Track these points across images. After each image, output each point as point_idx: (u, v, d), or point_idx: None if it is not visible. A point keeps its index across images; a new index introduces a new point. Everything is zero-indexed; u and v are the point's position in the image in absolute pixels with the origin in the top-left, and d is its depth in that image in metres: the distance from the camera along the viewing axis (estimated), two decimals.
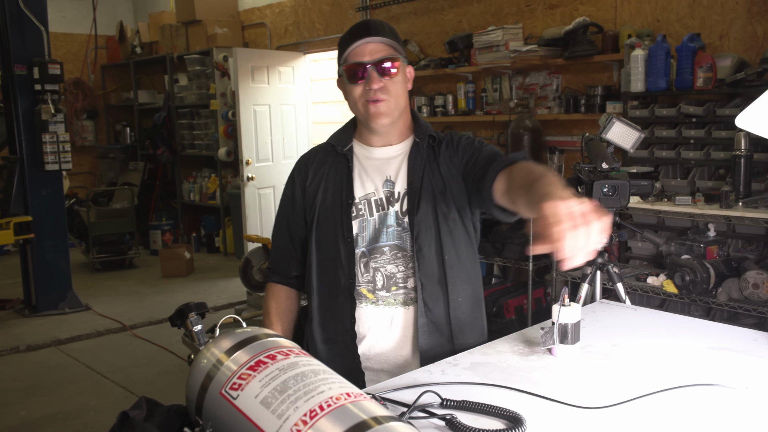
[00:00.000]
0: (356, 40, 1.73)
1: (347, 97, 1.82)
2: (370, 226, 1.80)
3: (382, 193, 1.81)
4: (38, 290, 5.58)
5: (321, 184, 1.85)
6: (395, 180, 1.82)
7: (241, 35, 7.70)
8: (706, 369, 1.49)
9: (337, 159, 1.87)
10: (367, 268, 1.79)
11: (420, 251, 1.76)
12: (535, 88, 5.02)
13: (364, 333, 1.79)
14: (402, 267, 1.78)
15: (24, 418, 3.73)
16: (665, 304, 3.67)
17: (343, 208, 1.80)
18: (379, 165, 1.84)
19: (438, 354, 1.72)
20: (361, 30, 1.75)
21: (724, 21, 3.97)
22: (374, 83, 1.73)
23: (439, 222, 1.77)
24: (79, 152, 8.88)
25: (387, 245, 1.78)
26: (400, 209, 1.79)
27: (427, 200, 1.78)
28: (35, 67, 5.32)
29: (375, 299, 1.79)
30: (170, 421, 1.09)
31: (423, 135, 1.84)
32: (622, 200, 2.65)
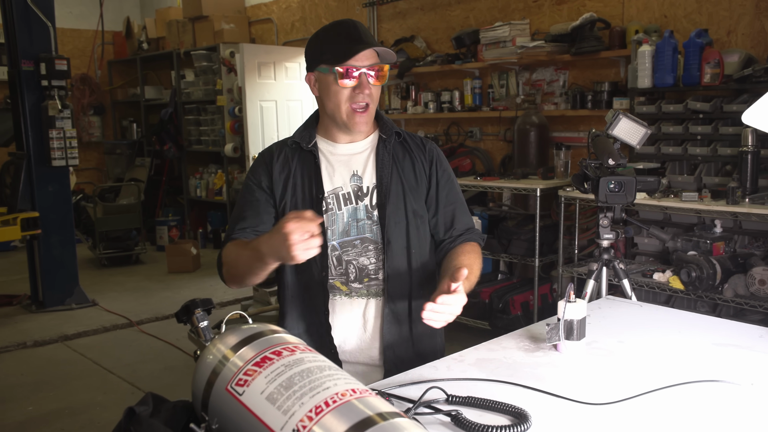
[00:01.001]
0: (356, 45, 1.74)
1: (329, 96, 1.81)
2: (339, 219, 1.83)
3: (349, 188, 1.85)
4: (45, 286, 5.60)
5: (289, 180, 1.86)
6: (362, 174, 1.86)
7: (248, 31, 7.70)
8: (712, 365, 1.49)
9: (303, 155, 1.88)
10: (339, 261, 1.83)
11: (389, 244, 1.81)
12: (541, 84, 5.00)
13: (339, 324, 1.84)
14: (373, 259, 1.83)
15: (31, 413, 3.75)
16: (671, 301, 3.67)
17: (314, 203, 1.82)
18: (345, 160, 1.87)
19: (397, 342, 1.82)
20: (356, 36, 1.76)
21: (731, 17, 3.95)
22: (366, 88, 1.77)
23: (408, 216, 1.84)
24: (85, 148, 8.90)
25: (358, 238, 1.83)
26: (369, 203, 1.84)
27: (396, 194, 1.84)
28: (42, 62, 5.33)
29: (348, 291, 1.83)
30: (176, 417, 1.10)
31: (389, 132, 1.89)
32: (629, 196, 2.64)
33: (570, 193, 3.94)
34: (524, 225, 4.52)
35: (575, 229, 4.16)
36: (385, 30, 6.15)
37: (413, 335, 1.84)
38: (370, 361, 1.85)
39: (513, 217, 4.77)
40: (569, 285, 1.57)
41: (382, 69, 1.79)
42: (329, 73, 1.78)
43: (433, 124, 5.68)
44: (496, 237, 4.51)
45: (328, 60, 1.77)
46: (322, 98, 1.85)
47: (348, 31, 1.77)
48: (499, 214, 4.85)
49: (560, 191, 4.02)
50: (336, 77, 1.76)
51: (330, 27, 1.82)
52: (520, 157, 4.74)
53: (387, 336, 1.81)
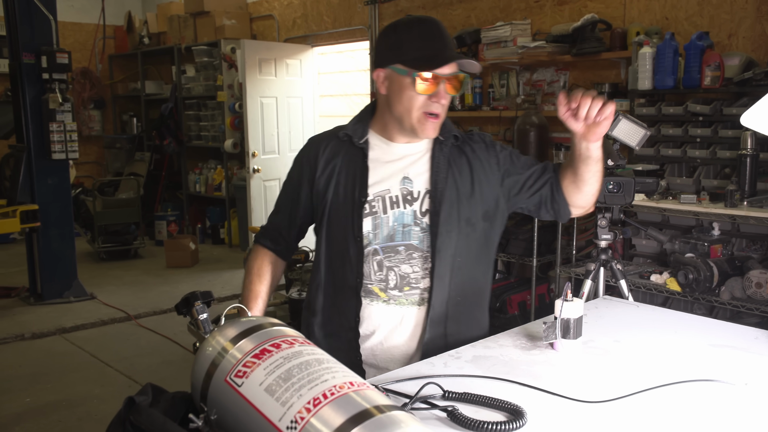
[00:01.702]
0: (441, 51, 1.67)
1: (400, 99, 1.71)
2: (383, 224, 1.75)
3: (398, 191, 1.76)
4: (44, 278, 5.60)
5: (333, 177, 1.79)
6: (414, 178, 1.77)
7: (249, 27, 7.70)
8: (707, 365, 1.50)
9: (352, 151, 1.80)
10: (380, 266, 1.75)
11: (438, 252, 1.73)
12: (542, 85, 5.01)
13: (373, 330, 1.76)
14: (417, 268, 1.74)
15: (29, 405, 3.76)
16: (668, 302, 3.68)
17: (354, 206, 1.75)
18: (396, 161, 1.79)
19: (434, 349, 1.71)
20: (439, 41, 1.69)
21: (733, 20, 3.96)
22: (442, 98, 1.69)
23: (460, 225, 1.75)
24: (85, 142, 8.90)
25: (402, 245, 1.74)
26: (419, 209, 1.75)
27: (450, 202, 1.75)
28: (43, 56, 5.33)
29: (387, 298, 1.75)
30: (175, 408, 1.11)
31: (447, 134, 1.79)
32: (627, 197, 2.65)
33: None
34: (522, 225, 4.53)
35: (573, 230, 4.17)
36: None
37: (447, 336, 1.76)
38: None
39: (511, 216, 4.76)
40: (566, 284, 1.58)
41: (461, 79, 1.71)
42: (406, 76, 1.68)
43: None
44: None
45: (408, 62, 1.67)
46: (390, 99, 1.74)
47: (432, 34, 1.69)
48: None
49: None
50: (414, 82, 1.67)
51: (412, 24, 1.72)
52: None
53: (427, 343, 1.74)
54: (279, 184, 7.05)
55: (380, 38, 1.77)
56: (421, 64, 1.66)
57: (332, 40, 6.94)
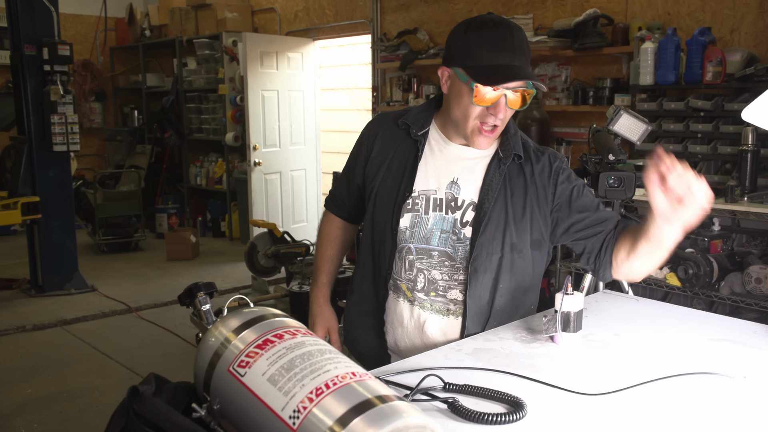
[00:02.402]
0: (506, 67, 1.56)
1: (458, 104, 1.64)
2: (422, 224, 1.70)
3: (443, 194, 1.70)
4: (45, 270, 5.61)
5: (384, 163, 1.76)
6: (462, 185, 1.70)
7: (251, 20, 7.69)
8: (706, 359, 1.51)
9: (408, 141, 1.75)
10: (411, 266, 1.72)
11: (475, 273, 1.67)
12: (543, 79, 5.01)
13: (398, 327, 1.77)
14: (446, 276, 1.70)
15: (30, 396, 3.77)
16: (668, 297, 3.68)
17: (398, 199, 1.72)
18: (450, 161, 1.72)
19: None
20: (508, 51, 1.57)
21: (735, 15, 3.96)
22: (501, 112, 1.60)
23: (504, 250, 1.68)
24: (86, 134, 8.90)
25: (437, 250, 1.70)
26: (460, 219, 1.69)
27: (497, 223, 1.67)
28: (45, 47, 5.33)
29: (412, 298, 1.73)
30: (178, 398, 1.12)
31: (509, 152, 1.69)
32: (628, 192, 2.66)
33: None
34: None
35: None
36: (389, 22, 6.15)
37: None
38: None
39: None
40: (567, 277, 1.58)
41: (527, 93, 1.60)
42: (466, 84, 1.59)
43: None
44: None
45: (470, 70, 1.58)
46: (450, 100, 1.67)
47: (503, 43, 1.56)
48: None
49: None
50: (472, 93, 1.58)
51: (485, 27, 1.59)
52: None
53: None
54: (280, 177, 7.06)
55: (452, 34, 1.67)
56: (482, 77, 1.56)
57: (334, 34, 6.93)
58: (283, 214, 7.08)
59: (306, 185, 7.31)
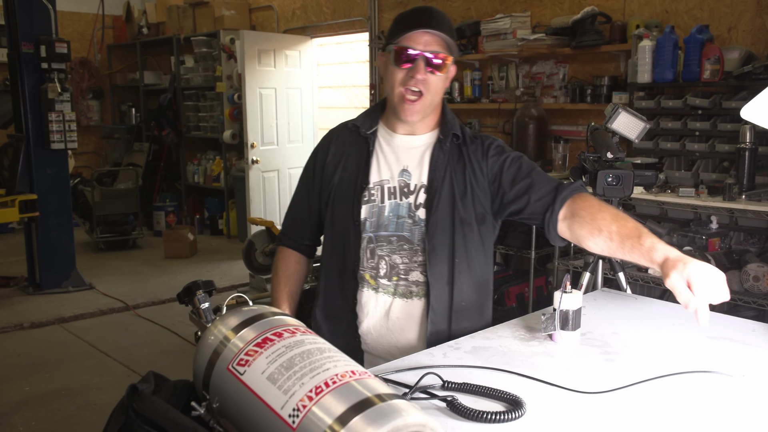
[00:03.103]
0: (416, 26, 1.70)
1: (387, 77, 1.78)
2: (379, 212, 1.80)
3: (396, 182, 1.81)
4: (42, 268, 5.61)
5: (340, 163, 1.86)
6: (412, 171, 1.81)
7: (249, 18, 7.68)
8: (705, 357, 1.51)
9: (359, 141, 1.86)
10: (372, 254, 1.80)
11: (433, 251, 1.76)
12: (541, 77, 5.01)
13: (363, 317, 1.82)
14: (406, 259, 1.78)
15: (27, 394, 3.77)
16: (666, 295, 3.69)
17: (356, 191, 1.81)
18: (398, 153, 1.83)
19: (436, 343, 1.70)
20: (424, 17, 1.72)
21: (733, 13, 3.96)
22: (419, 73, 1.70)
23: (455, 225, 1.77)
24: (84, 132, 8.89)
25: (395, 235, 1.79)
26: (414, 202, 1.79)
27: (446, 200, 1.77)
28: (42, 45, 5.31)
29: (376, 285, 1.80)
30: (177, 396, 1.12)
31: (447, 132, 1.81)
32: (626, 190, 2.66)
33: None
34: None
35: None
36: (386, 19, 6.15)
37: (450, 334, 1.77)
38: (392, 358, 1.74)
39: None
40: (565, 276, 1.58)
41: (442, 58, 1.71)
42: (390, 52, 1.75)
43: None
44: None
45: (391, 38, 1.75)
46: (384, 80, 1.81)
47: (420, 14, 1.74)
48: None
49: None
50: (393, 56, 1.73)
51: (406, 11, 1.79)
52: (518, 149, 4.71)
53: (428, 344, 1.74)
54: (277, 175, 7.05)
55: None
56: (398, 36, 1.72)
57: (331, 32, 6.93)
58: (281, 212, 7.07)
59: None
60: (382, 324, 1.81)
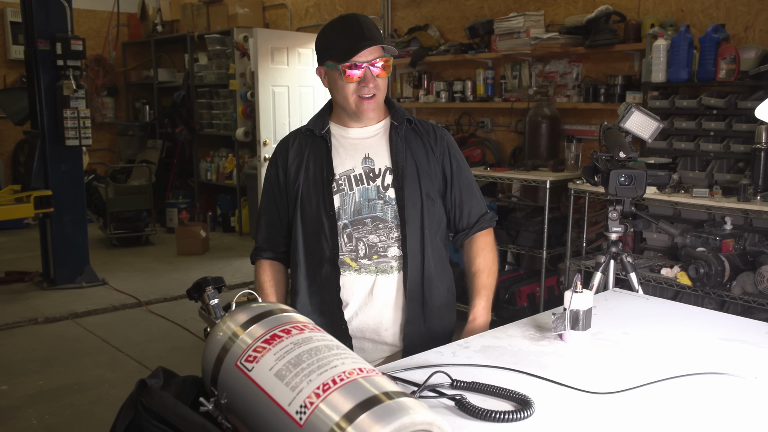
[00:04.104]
0: (355, 42, 1.81)
1: (337, 89, 1.89)
2: (350, 199, 1.91)
3: (361, 170, 1.93)
4: (56, 264, 5.65)
5: (302, 164, 1.96)
6: (374, 157, 1.94)
7: (262, 16, 7.69)
8: (716, 359, 1.50)
9: (316, 141, 1.97)
10: (350, 238, 1.91)
11: (407, 225, 1.89)
12: (554, 76, 4.99)
13: (348, 300, 1.91)
14: (383, 237, 1.91)
15: (41, 388, 3.80)
16: (679, 296, 3.67)
17: (324, 185, 1.91)
18: (356, 144, 1.96)
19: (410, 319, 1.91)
20: (358, 32, 1.83)
21: (750, 12, 3.92)
22: (370, 82, 1.85)
23: (422, 198, 1.92)
24: (98, 129, 8.94)
25: (369, 217, 1.91)
26: (381, 184, 1.92)
27: (412, 177, 1.92)
28: (58, 42, 5.35)
29: (357, 267, 1.91)
30: (186, 391, 1.12)
31: (401, 118, 1.97)
32: (639, 190, 2.64)
33: (580, 186, 3.94)
34: (533, 216, 4.52)
35: (584, 222, 4.16)
36: (399, 18, 6.14)
37: (425, 313, 1.93)
38: (377, 337, 1.93)
39: (522, 208, 4.77)
40: (576, 275, 1.58)
41: (386, 62, 1.86)
42: (335, 69, 1.85)
43: (445, 114, 5.68)
44: (504, 228, 4.52)
45: (333, 57, 1.85)
46: (331, 91, 1.94)
47: (351, 28, 1.84)
48: (508, 205, 4.85)
49: (570, 184, 4.01)
50: (341, 74, 1.84)
51: (335, 23, 1.89)
52: (530, 148, 4.74)
53: (407, 313, 1.91)
54: None
55: (316, 40, 1.95)
56: (342, 56, 1.83)
57: None
58: None
59: None
60: (367, 302, 1.91)
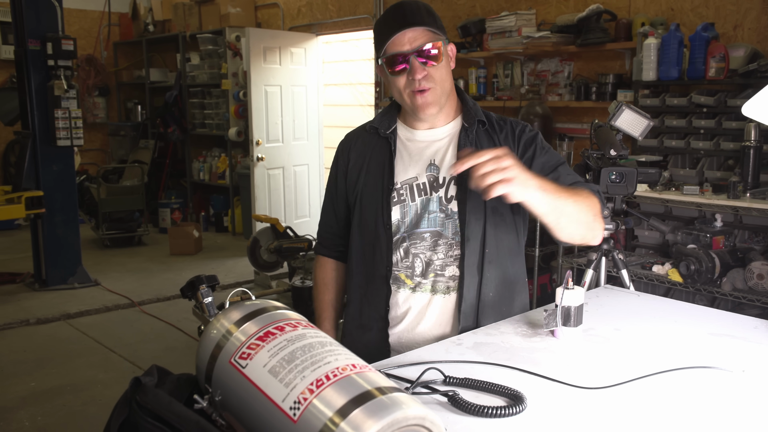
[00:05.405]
0: (393, 31, 1.65)
1: (391, 87, 1.75)
2: (411, 211, 1.76)
3: (425, 178, 1.76)
4: (48, 265, 5.63)
5: (363, 168, 1.82)
6: (440, 164, 1.76)
7: (254, 15, 7.69)
8: (706, 353, 1.52)
9: (380, 142, 1.82)
10: (406, 253, 1.76)
11: (468, 241, 1.72)
12: (546, 75, 5.01)
13: (400, 318, 1.78)
14: (441, 255, 1.75)
15: (33, 389, 3.79)
16: (670, 293, 3.69)
17: (383, 194, 1.77)
18: (423, 148, 1.79)
19: None
20: (398, 18, 1.66)
21: (738, 11, 3.95)
22: (417, 73, 1.66)
23: (487, 213, 1.73)
24: (90, 129, 8.91)
25: (428, 231, 1.75)
26: (444, 195, 1.75)
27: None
28: (49, 42, 5.33)
29: (413, 284, 1.76)
30: (180, 389, 1.13)
31: (472, 119, 1.78)
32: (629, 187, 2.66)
33: None
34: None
35: None
36: None
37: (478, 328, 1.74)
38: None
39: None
40: (567, 272, 1.59)
41: (433, 47, 1.66)
42: (384, 65, 1.71)
43: None
44: None
45: (378, 50, 1.71)
46: (390, 90, 1.78)
47: (391, 16, 1.68)
48: None
49: None
50: (386, 67, 1.69)
51: (382, 18, 1.73)
52: None
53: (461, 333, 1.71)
54: (282, 173, 7.06)
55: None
56: (382, 45, 1.68)
57: (337, 29, 6.93)
58: (286, 210, 7.10)
59: (309, 180, 7.32)
60: (422, 322, 1.76)
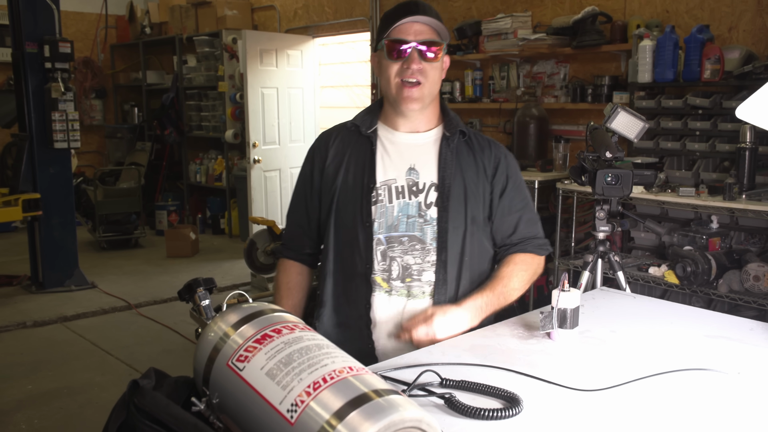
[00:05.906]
0: (404, 16, 1.68)
1: (382, 73, 1.76)
2: (388, 213, 1.76)
3: (404, 181, 1.77)
4: (45, 267, 5.62)
5: (342, 165, 1.81)
6: (420, 170, 1.78)
7: (251, 17, 7.69)
8: (702, 355, 1.52)
9: (360, 140, 1.82)
10: (384, 256, 1.76)
11: (445, 250, 1.74)
12: (542, 77, 5.02)
13: (377, 321, 1.78)
14: (418, 259, 1.75)
15: (30, 392, 3.78)
16: (666, 295, 3.70)
17: (363, 192, 1.77)
18: (402, 151, 1.80)
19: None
20: (411, 7, 1.70)
21: (733, 13, 3.97)
22: (414, 63, 1.70)
23: (466, 223, 1.76)
24: (87, 131, 8.89)
25: (405, 235, 1.75)
26: (424, 201, 1.76)
27: (458, 199, 1.76)
28: (46, 45, 5.33)
29: (389, 288, 1.76)
30: (178, 392, 1.13)
31: (453, 129, 1.80)
32: (625, 189, 2.67)
33: (568, 186, 3.97)
34: None
35: (572, 222, 4.19)
36: None
37: None
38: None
39: None
40: (564, 274, 1.59)
41: (435, 45, 1.71)
42: (382, 50, 1.73)
43: None
44: None
45: (381, 34, 1.73)
46: (379, 79, 1.79)
47: (404, 5, 1.71)
48: None
49: (558, 184, 4.04)
50: (386, 51, 1.71)
51: (393, 7, 1.76)
52: (519, 149, 4.76)
53: None
54: (279, 175, 7.06)
55: None
56: (387, 29, 1.71)
57: (333, 31, 6.94)
58: (283, 212, 7.09)
59: None
60: (396, 326, 1.76)
